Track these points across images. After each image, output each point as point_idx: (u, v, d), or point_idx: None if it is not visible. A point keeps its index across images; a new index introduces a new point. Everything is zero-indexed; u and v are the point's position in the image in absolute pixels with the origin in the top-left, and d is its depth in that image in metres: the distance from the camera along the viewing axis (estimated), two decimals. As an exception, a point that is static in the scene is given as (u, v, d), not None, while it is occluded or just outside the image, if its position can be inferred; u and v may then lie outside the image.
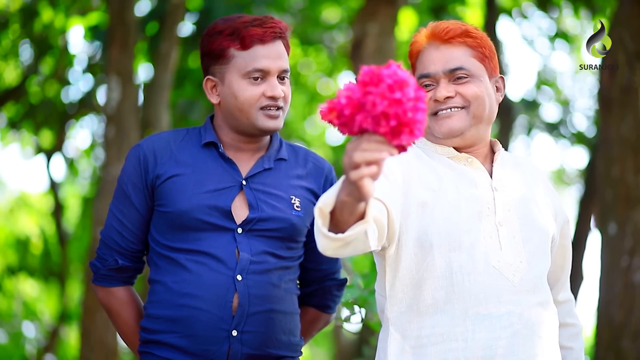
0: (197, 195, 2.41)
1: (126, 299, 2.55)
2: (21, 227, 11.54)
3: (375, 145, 1.76)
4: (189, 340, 2.38)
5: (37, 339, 11.08)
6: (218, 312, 2.37)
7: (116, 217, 2.50)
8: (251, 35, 2.41)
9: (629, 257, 4.20)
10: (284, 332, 2.45)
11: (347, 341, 10.22)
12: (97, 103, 7.91)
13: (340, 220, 1.94)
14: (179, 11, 5.88)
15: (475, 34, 2.30)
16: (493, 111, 2.31)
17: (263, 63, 2.41)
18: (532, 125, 9.19)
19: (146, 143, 2.50)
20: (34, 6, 7.53)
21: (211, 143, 2.48)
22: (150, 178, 2.45)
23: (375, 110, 1.76)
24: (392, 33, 6.18)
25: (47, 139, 9.21)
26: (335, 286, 2.64)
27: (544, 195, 2.33)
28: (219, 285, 2.38)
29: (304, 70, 10.52)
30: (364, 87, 1.76)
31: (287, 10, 8.22)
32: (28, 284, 11.52)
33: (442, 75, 2.27)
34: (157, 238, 2.46)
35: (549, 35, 8.62)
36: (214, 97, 2.46)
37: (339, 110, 1.79)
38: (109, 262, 2.51)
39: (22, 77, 8.35)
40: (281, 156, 2.51)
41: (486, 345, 2.15)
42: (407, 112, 1.75)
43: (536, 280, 2.22)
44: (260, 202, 2.44)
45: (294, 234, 2.47)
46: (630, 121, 4.32)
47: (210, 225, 2.41)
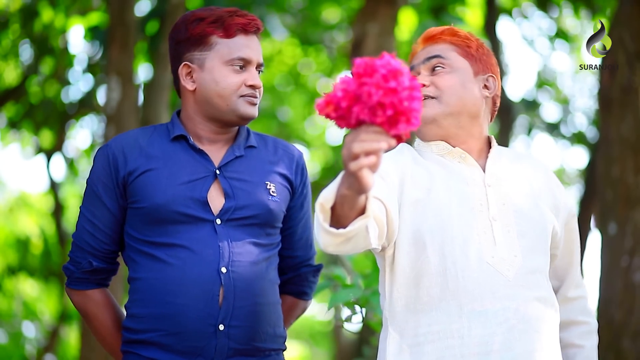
0: (172, 188, 2.40)
1: (102, 301, 2.52)
2: (21, 227, 11.53)
3: (373, 136, 1.77)
4: (175, 337, 2.36)
5: (37, 339, 11.07)
6: (205, 307, 2.35)
7: (87, 219, 2.48)
8: (236, 24, 2.43)
9: (629, 257, 4.20)
10: (269, 324, 2.44)
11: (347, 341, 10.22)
12: (97, 103, 7.90)
13: (341, 215, 1.96)
14: (179, 11, 5.88)
15: (460, 32, 2.36)
16: (473, 105, 2.32)
17: (246, 52, 2.43)
18: (532, 125, 9.19)
19: (114, 142, 2.49)
20: (34, 6, 7.53)
21: (180, 136, 2.47)
22: (121, 176, 2.44)
23: (371, 101, 1.77)
24: (392, 33, 6.17)
25: (47, 139, 9.21)
26: (311, 272, 2.65)
27: (546, 190, 2.34)
28: (203, 280, 2.36)
29: (304, 70, 10.52)
30: (359, 78, 1.78)
31: (287, 10, 8.22)
32: (28, 284, 11.51)
33: (422, 66, 2.34)
34: (134, 235, 2.43)
35: (549, 35, 8.62)
36: (189, 83, 2.46)
37: (335, 103, 1.82)
38: (82, 265, 2.48)
39: (22, 77, 8.34)
40: (250, 144, 2.51)
41: (482, 342, 2.16)
42: (403, 100, 1.76)
43: (533, 275, 2.21)
44: (235, 189, 2.43)
45: (272, 220, 2.46)
46: (630, 121, 4.32)
47: (188, 217, 2.39)
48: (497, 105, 2.41)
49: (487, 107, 2.37)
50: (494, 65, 2.38)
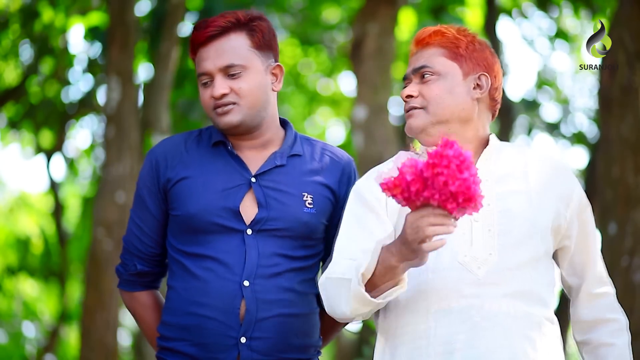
0: (206, 197, 2.39)
1: (148, 303, 2.55)
2: (21, 227, 11.54)
3: (441, 219, 1.98)
4: (198, 348, 2.37)
5: (37, 339, 11.08)
6: (225, 320, 2.36)
7: (135, 223, 2.50)
8: (192, 41, 2.43)
9: (629, 257, 4.20)
10: (297, 336, 2.41)
11: (347, 341, 10.22)
12: (97, 103, 7.90)
13: (376, 284, 2.12)
14: (179, 11, 5.89)
15: (448, 32, 2.33)
16: (462, 110, 2.30)
17: (202, 66, 2.40)
18: (532, 125, 9.19)
19: (159, 147, 2.50)
20: (34, 6, 7.53)
21: (220, 142, 2.46)
22: (162, 182, 2.45)
23: (445, 190, 1.95)
24: (392, 33, 6.17)
25: (47, 139, 9.21)
26: None
27: (550, 183, 2.30)
28: (225, 293, 2.36)
29: (304, 70, 10.52)
30: (433, 168, 1.94)
31: (287, 10, 8.22)
32: (28, 284, 11.52)
33: (412, 75, 2.33)
34: (172, 242, 2.45)
35: (549, 35, 8.63)
36: None
37: (404, 187, 1.97)
38: (129, 267, 2.52)
39: (22, 77, 8.34)
40: (295, 152, 2.47)
41: (445, 341, 2.17)
42: (471, 188, 1.95)
43: (510, 271, 2.19)
44: (269, 199, 2.40)
45: (307, 233, 2.43)
46: (630, 121, 4.32)
47: (220, 226, 2.38)
48: (497, 100, 2.38)
49: (482, 107, 2.34)
50: (487, 60, 2.34)
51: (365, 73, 6.03)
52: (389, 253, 2.09)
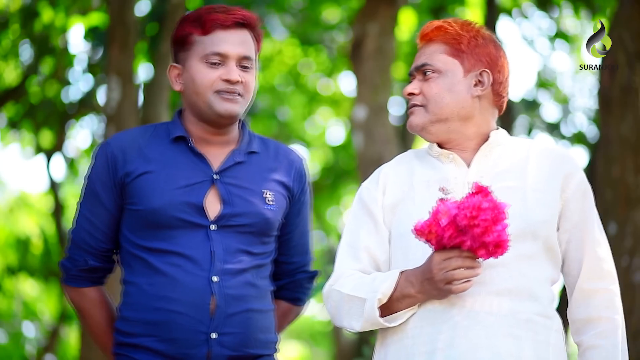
0: (169, 192, 2.39)
1: (97, 299, 2.52)
2: (21, 227, 11.53)
3: (470, 262, 2.08)
4: (167, 344, 2.36)
5: (37, 339, 11.07)
6: (196, 315, 2.36)
7: (85, 217, 2.47)
8: (212, 20, 2.41)
9: (629, 257, 4.20)
10: (261, 331, 2.44)
11: (347, 341, 10.22)
12: (97, 103, 7.90)
13: (391, 308, 2.19)
14: (179, 11, 5.88)
15: (451, 29, 2.32)
16: (462, 108, 2.30)
17: (222, 47, 2.40)
18: (532, 125, 9.18)
19: (114, 141, 2.47)
20: (34, 6, 7.53)
21: (180, 137, 2.45)
22: (120, 176, 2.42)
23: (480, 239, 2.02)
24: (392, 33, 6.17)
25: (47, 139, 9.20)
26: (306, 279, 2.64)
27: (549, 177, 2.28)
28: (195, 288, 2.36)
29: (304, 70, 10.51)
30: (470, 220, 2.01)
31: (287, 10, 8.22)
32: (28, 284, 11.51)
33: (415, 72, 2.34)
34: (130, 237, 2.43)
35: (549, 35, 8.63)
36: (177, 84, 2.46)
37: (438, 233, 2.04)
38: (79, 263, 2.48)
39: (22, 77, 8.34)
40: (253, 149, 2.49)
41: (429, 340, 2.18)
42: (502, 235, 2.03)
43: (494, 268, 2.18)
44: (232, 196, 2.42)
45: (268, 229, 2.46)
46: (630, 121, 4.32)
47: (184, 222, 2.38)
48: (502, 95, 2.36)
49: (485, 103, 2.34)
50: (490, 55, 2.33)
51: (365, 73, 6.03)
52: (408, 282, 2.15)
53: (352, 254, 2.31)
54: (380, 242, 2.30)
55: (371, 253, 2.30)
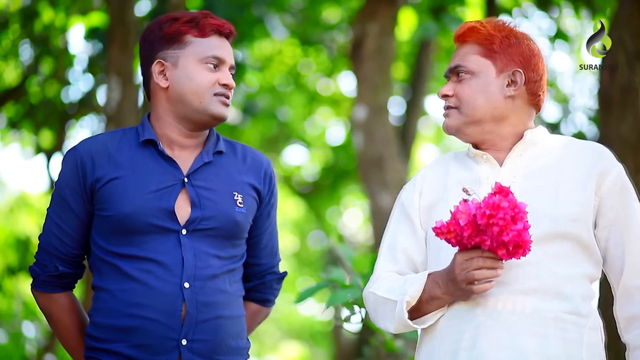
0: (139, 197, 2.39)
1: (67, 305, 2.52)
2: (21, 227, 11.52)
3: (490, 263, 2.09)
4: (138, 350, 2.36)
5: (37, 339, 11.06)
6: (167, 322, 2.36)
7: (55, 223, 2.47)
8: (210, 24, 2.43)
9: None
10: (232, 337, 2.44)
11: (347, 341, 10.22)
12: (97, 103, 7.90)
13: (420, 310, 2.22)
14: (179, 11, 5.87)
15: (482, 29, 2.33)
16: (495, 109, 2.30)
17: (220, 52, 2.44)
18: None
19: (82, 146, 2.46)
20: (34, 6, 7.52)
21: (149, 141, 2.45)
22: (89, 182, 2.42)
23: (499, 239, 2.04)
24: (392, 33, 6.17)
25: (47, 139, 9.20)
26: (275, 280, 2.65)
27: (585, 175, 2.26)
28: (166, 294, 2.36)
29: (304, 70, 10.51)
30: (489, 218, 2.03)
31: (287, 10, 8.21)
32: (28, 284, 11.50)
33: (449, 74, 2.36)
34: (100, 243, 2.42)
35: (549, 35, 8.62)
36: (162, 80, 2.45)
37: (457, 232, 2.06)
38: (49, 269, 2.48)
39: (22, 77, 8.33)
40: (219, 149, 2.50)
41: (453, 340, 2.20)
42: (522, 235, 2.04)
43: (520, 268, 2.18)
44: (202, 199, 2.42)
45: (237, 232, 2.46)
46: (630, 121, 4.32)
47: (155, 227, 2.38)
48: (538, 93, 2.34)
49: (520, 102, 2.33)
50: (523, 54, 2.32)
51: (365, 73, 6.03)
52: (435, 284, 2.18)
53: (390, 256, 2.34)
54: (417, 244, 2.33)
55: (408, 255, 2.32)
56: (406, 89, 9.38)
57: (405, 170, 7.08)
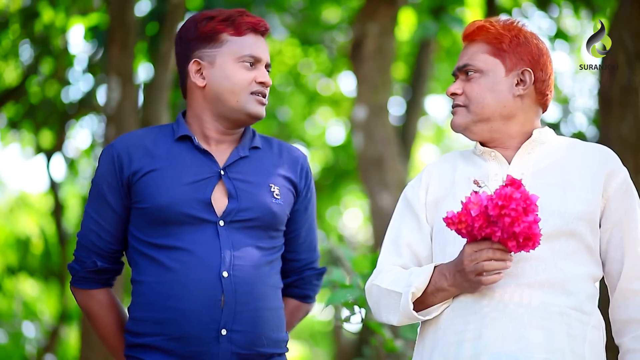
0: (176, 189, 2.40)
1: (106, 301, 2.51)
2: (21, 227, 11.53)
3: (500, 255, 2.09)
4: (178, 342, 2.36)
5: (37, 339, 11.06)
6: (207, 312, 2.36)
7: (92, 218, 2.47)
8: (246, 23, 2.44)
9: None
10: (271, 329, 2.44)
11: (347, 341, 10.21)
12: (97, 103, 7.90)
13: (425, 302, 2.22)
14: (179, 11, 5.88)
15: (492, 28, 2.33)
16: (504, 107, 2.31)
17: (256, 51, 2.44)
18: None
19: (119, 142, 2.48)
20: (34, 6, 7.52)
21: (185, 137, 2.47)
22: (126, 176, 2.43)
23: (509, 230, 2.04)
24: (392, 33, 6.17)
25: (47, 139, 9.20)
26: (314, 275, 2.65)
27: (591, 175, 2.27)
28: (205, 285, 2.36)
29: (304, 70, 10.51)
30: (501, 209, 2.03)
31: (287, 10, 8.21)
32: (28, 284, 11.51)
33: (458, 72, 2.36)
34: (138, 235, 2.43)
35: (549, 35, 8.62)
36: (199, 79, 2.46)
37: (468, 223, 2.07)
38: (87, 264, 2.48)
39: (22, 77, 8.33)
40: (255, 144, 2.51)
41: (458, 331, 2.20)
42: (533, 227, 2.04)
43: (527, 262, 2.19)
44: (239, 191, 2.43)
45: (275, 223, 2.47)
46: (630, 121, 4.32)
47: (192, 218, 2.39)
48: (546, 93, 2.35)
49: (528, 102, 2.33)
50: (532, 54, 2.33)
51: (365, 73, 6.03)
52: (441, 276, 2.18)
53: (394, 250, 2.35)
54: (422, 238, 2.33)
55: (413, 249, 2.33)
56: (406, 89, 9.39)
57: (405, 170, 7.08)
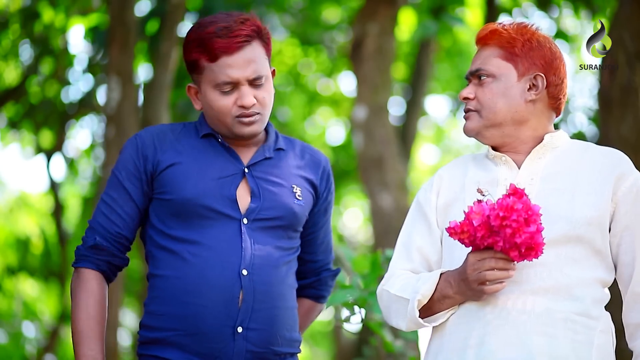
0: (202, 183, 2.40)
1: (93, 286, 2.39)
2: (21, 227, 11.53)
3: (503, 264, 2.10)
4: (193, 338, 2.35)
5: (37, 339, 11.06)
6: (224, 309, 2.35)
7: (105, 203, 2.45)
8: (216, 48, 2.37)
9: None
10: (286, 328, 2.44)
11: (347, 341, 10.21)
12: (97, 103, 7.90)
13: (433, 308, 2.23)
14: (179, 11, 5.88)
15: (504, 32, 2.32)
16: (516, 112, 2.30)
17: (230, 74, 2.37)
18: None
19: (145, 132, 2.49)
20: (34, 6, 7.53)
21: (209, 134, 2.48)
22: (150, 166, 2.43)
23: (511, 240, 2.04)
24: (392, 33, 6.17)
25: (47, 139, 9.20)
26: (330, 276, 2.67)
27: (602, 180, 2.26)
28: (224, 282, 2.36)
29: (304, 70, 10.51)
30: (502, 220, 2.03)
31: (287, 10, 8.21)
32: (28, 284, 11.51)
33: (470, 76, 2.35)
34: (159, 227, 2.42)
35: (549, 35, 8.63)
36: (197, 103, 2.47)
37: (471, 233, 2.07)
38: (87, 241, 2.43)
39: (22, 77, 8.33)
40: (280, 146, 2.52)
41: (461, 337, 2.21)
42: (535, 237, 2.04)
43: (532, 268, 2.18)
44: (262, 190, 2.44)
45: (295, 223, 2.48)
46: (630, 121, 4.32)
47: (216, 213, 2.39)
48: (558, 97, 2.33)
49: (541, 106, 2.32)
50: (544, 58, 2.31)
51: (365, 73, 6.03)
52: (447, 283, 2.19)
53: (405, 254, 2.36)
54: (432, 243, 2.34)
55: (423, 253, 2.33)
56: (406, 89, 9.39)
57: (405, 170, 7.08)
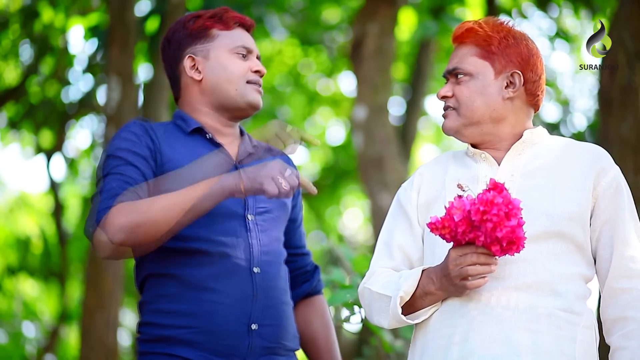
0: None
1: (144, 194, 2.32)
2: (21, 227, 11.53)
3: (484, 259, 2.09)
4: (208, 335, 2.33)
5: (37, 339, 11.07)
6: (239, 307, 2.35)
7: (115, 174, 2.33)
8: (233, 18, 2.49)
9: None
10: (291, 324, 2.46)
11: (347, 341, 10.21)
12: (97, 103, 7.90)
13: (415, 305, 2.22)
14: (178, 11, 5.88)
15: (480, 30, 2.32)
16: (494, 111, 2.31)
17: (248, 42, 2.50)
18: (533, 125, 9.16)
19: (140, 122, 2.45)
20: (34, 6, 7.53)
21: (197, 130, 2.46)
22: (157, 147, 2.39)
23: (492, 235, 2.04)
24: (392, 33, 6.17)
25: (47, 139, 9.20)
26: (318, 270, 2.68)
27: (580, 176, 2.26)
28: (238, 279, 2.36)
29: (304, 70, 10.51)
30: (483, 214, 2.03)
31: (287, 10, 8.21)
32: (28, 284, 11.51)
33: (448, 75, 2.35)
34: None
35: (549, 35, 8.63)
36: (196, 74, 2.46)
37: (452, 228, 2.07)
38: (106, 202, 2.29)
39: (22, 77, 8.33)
40: (254, 143, 2.54)
41: (445, 334, 2.20)
42: (516, 231, 2.04)
43: (515, 264, 2.18)
44: None
45: (286, 217, 2.52)
46: (630, 121, 4.32)
47: (223, 208, 2.37)
48: (536, 94, 2.35)
49: (519, 103, 2.33)
50: (521, 55, 2.31)
51: (365, 73, 6.03)
52: (429, 280, 2.18)
53: (386, 252, 2.35)
54: (414, 240, 2.33)
55: (405, 251, 2.33)
56: (406, 89, 9.39)
57: (405, 170, 7.08)
